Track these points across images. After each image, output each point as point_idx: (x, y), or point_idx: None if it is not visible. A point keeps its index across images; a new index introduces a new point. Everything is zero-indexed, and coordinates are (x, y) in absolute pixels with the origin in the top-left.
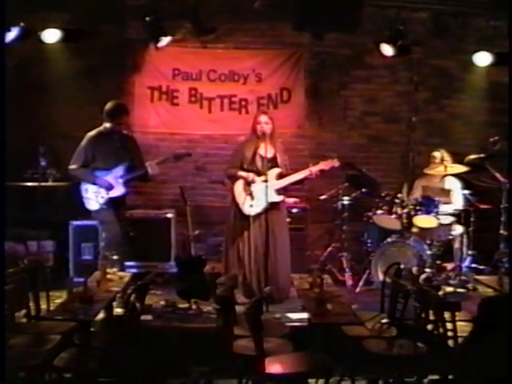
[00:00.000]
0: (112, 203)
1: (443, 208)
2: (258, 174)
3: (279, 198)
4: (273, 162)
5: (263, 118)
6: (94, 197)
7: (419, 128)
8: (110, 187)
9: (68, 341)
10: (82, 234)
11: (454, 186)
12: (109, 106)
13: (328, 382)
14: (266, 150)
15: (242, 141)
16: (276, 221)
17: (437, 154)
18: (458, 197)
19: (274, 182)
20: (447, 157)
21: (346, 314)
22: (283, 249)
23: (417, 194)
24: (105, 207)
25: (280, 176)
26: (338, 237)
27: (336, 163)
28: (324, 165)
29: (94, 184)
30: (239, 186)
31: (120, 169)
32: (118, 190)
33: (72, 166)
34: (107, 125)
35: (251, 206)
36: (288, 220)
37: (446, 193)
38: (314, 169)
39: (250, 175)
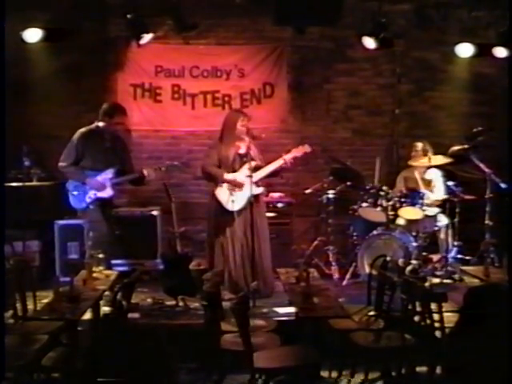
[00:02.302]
0: (100, 202)
1: (427, 195)
2: (236, 171)
3: (260, 190)
4: (248, 157)
5: (246, 121)
6: (81, 196)
7: (403, 120)
8: (101, 188)
9: (55, 340)
10: (68, 234)
11: (436, 176)
12: (106, 105)
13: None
14: (245, 149)
15: (217, 139)
16: (258, 215)
17: (418, 144)
18: (439, 187)
19: (253, 174)
20: (428, 147)
21: (333, 308)
22: (266, 242)
23: (401, 185)
24: (92, 206)
25: (256, 168)
26: (324, 230)
27: (308, 149)
28: (296, 152)
29: (84, 184)
30: (221, 185)
31: (110, 171)
32: (107, 192)
33: (62, 164)
34: (100, 124)
35: (233, 201)
36: (273, 215)
37: (427, 183)
38: (287, 157)
39: (237, 178)
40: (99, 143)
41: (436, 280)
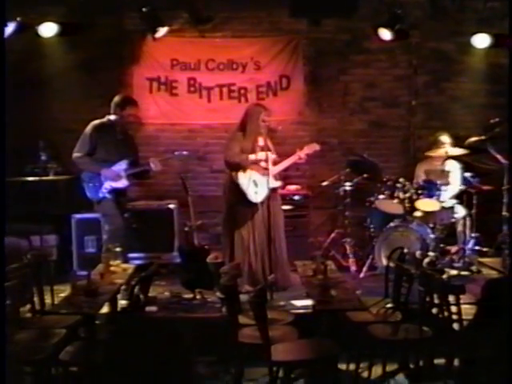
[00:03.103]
0: (114, 195)
1: (444, 192)
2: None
3: (278, 184)
4: (266, 150)
5: (266, 116)
6: (97, 187)
7: (419, 112)
8: (116, 178)
9: (73, 334)
10: (85, 227)
11: (453, 167)
12: (118, 97)
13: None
14: (263, 141)
15: (236, 130)
16: (275, 207)
17: (443, 138)
18: (456, 178)
19: (271, 168)
20: (450, 139)
21: (351, 300)
22: (282, 235)
23: (419, 177)
24: (108, 198)
25: (274, 162)
26: (341, 223)
27: (317, 147)
28: (308, 149)
29: (99, 174)
30: (244, 174)
31: (124, 163)
32: (123, 183)
33: (77, 154)
34: (111, 117)
35: (256, 193)
36: (290, 207)
37: (446, 174)
38: (302, 153)
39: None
40: (112, 135)
41: (454, 272)
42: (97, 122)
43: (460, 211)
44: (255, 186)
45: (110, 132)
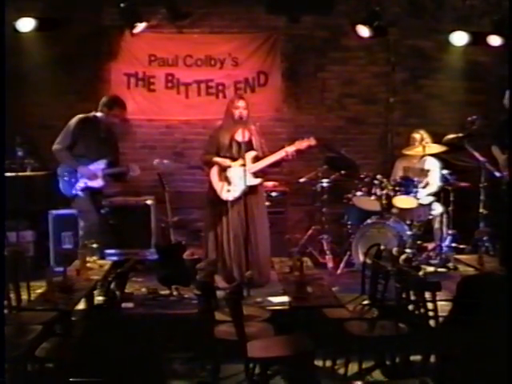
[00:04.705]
0: (89, 191)
1: (422, 191)
2: (234, 159)
3: (256, 181)
4: (248, 146)
5: (241, 103)
6: (71, 182)
7: (397, 109)
8: (92, 177)
9: (49, 331)
10: (62, 223)
11: (433, 165)
12: (106, 97)
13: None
14: (242, 135)
15: (217, 126)
16: (255, 205)
17: (416, 136)
18: (436, 176)
19: (250, 165)
20: (427, 138)
21: (327, 297)
22: (263, 233)
23: (397, 174)
24: (81, 195)
25: (256, 159)
26: (318, 219)
27: (312, 142)
28: (300, 144)
29: (76, 170)
30: (214, 172)
31: (102, 162)
32: (98, 182)
33: (57, 146)
34: (97, 114)
35: (228, 191)
36: (268, 204)
37: (426, 173)
38: (290, 149)
39: (227, 161)
40: (95, 132)
41: (430, 269)
42: (82, 116)
43: (437, 208)
44: (228, 183)
45: (94, 128)
